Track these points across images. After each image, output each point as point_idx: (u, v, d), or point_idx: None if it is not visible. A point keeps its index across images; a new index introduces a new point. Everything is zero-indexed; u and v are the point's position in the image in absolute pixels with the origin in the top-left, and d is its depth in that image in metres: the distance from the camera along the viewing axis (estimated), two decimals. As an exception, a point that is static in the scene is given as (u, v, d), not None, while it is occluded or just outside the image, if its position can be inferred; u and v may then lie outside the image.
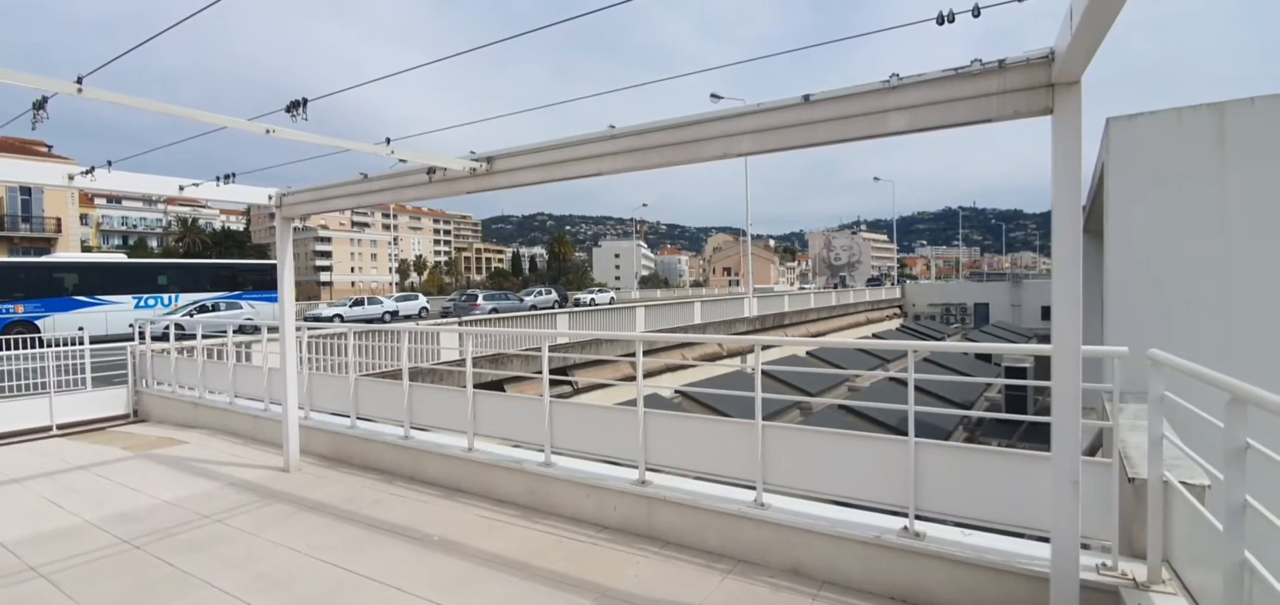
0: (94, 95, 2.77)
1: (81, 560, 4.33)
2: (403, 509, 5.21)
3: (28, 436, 8.08)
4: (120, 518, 5.11)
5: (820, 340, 18.06)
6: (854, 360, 23.51)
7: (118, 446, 7.53)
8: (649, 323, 25.31)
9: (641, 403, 4.63)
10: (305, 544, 4.53)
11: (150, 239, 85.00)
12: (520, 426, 5.52)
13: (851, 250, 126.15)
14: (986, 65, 3.00)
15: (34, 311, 24.15)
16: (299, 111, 3.11)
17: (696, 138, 3.66)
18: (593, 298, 51.37)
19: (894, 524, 3.75)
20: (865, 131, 3.21)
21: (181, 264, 34.89)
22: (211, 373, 8.61)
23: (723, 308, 30.85)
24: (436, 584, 3.89)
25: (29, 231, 36.18)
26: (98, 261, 29.60)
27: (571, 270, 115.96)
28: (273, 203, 5.96)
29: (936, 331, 42.36)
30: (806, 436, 4.11)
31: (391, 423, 6.45)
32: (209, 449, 7.24)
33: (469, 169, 4.53)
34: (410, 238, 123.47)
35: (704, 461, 4.49)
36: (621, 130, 3.89)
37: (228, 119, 3.31)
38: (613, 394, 16.06)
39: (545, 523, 4.82)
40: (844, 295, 47.41)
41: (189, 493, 5.70)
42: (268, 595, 3.78)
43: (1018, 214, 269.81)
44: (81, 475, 6.39)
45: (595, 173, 4.05)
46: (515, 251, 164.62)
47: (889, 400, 15.10)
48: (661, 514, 4.41)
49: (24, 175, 4.90)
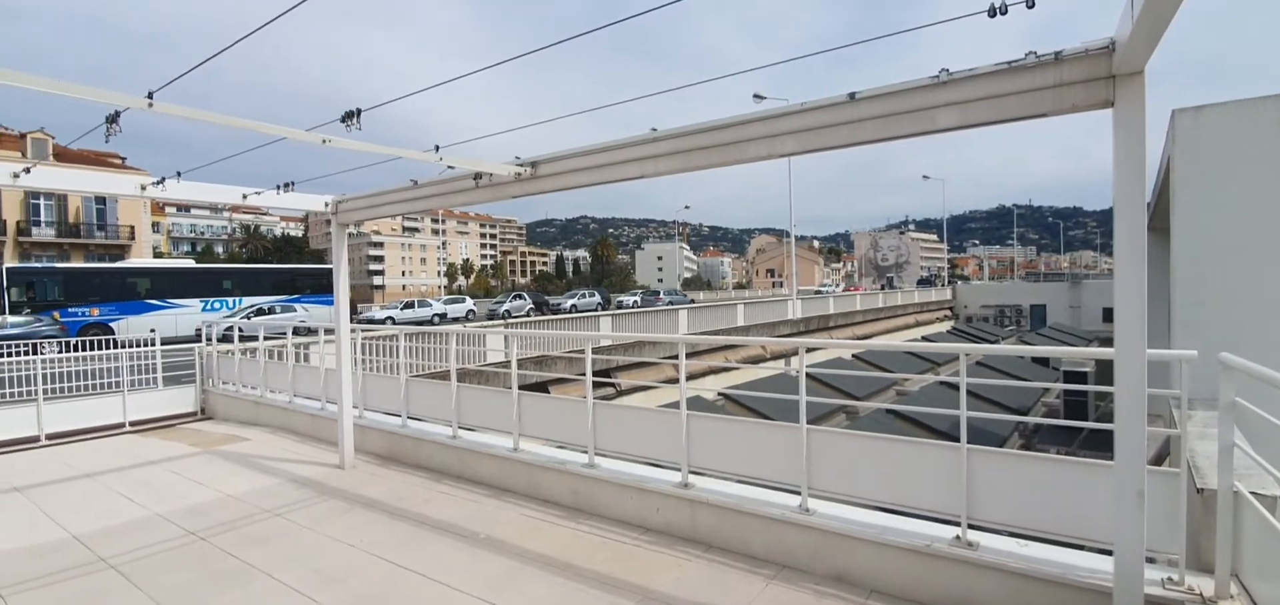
0: (164, 109, 2.95)
1: (150, 552, 4.57)
2: (452, 508, 5.33)
3: (103, 433, 8.60)
4: (188, 511, 5.39)
5: (867, 343, 17.62)
6: (902, 363, 22.92)
7: (186, 443, 7.95)
8: (691, 325, 25.23)
9: (685, 405, 4.62)
10: (360, 540, 4.69)
11: (216, 245, 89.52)
12: (564, 428, 5.59)
13: (899, 250, 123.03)
14: (1042, 57, 2.89)
15: (109, 314, 25.72)
16: (353, 121, 3.24)
17: (739, 139, 3.64)
18: (635, 300, 51.52)
19: (945, 533, 3.64)
20: (913, 129, 3.14)
21: (244, 269, 36.61)
22: (272, 373, 9.00)
23: (766, 309, 30.51)
24: (484, 582, 3.97)
25: (104, 239, 38.54)
26: (168, 267, 31.34)
27: (614, 273, 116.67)
28: (329, 209, 6.20)
29: (990, 334, 40.88)
30: (853, 441, 4.03)
31: (440, 423, 6.62)
32: (270, 446, 7.57)
33: (514, 174, 4.62)
34: (458, 242, 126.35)
35: (747, 465, 4.45)
36: (664, 133, 3.90)
37: (286, 129, 3.47)
38: (655, 396, 16.07)
39: (589, 524, 4.87)
40: (891, 297, 46.26)
41: (251, 488, 5.98)
42: (325, 590, 3.92)
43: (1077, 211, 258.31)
44: (152, 470, 6.76)
45: (639, 175, 4.07)
46: (559, 254, 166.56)
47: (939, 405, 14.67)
48: (705, 517, 4.39)
49: (101, 186, 5.23)
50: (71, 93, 2.79)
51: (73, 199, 36.72)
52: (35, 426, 8.12)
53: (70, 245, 37.18)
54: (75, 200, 36.97)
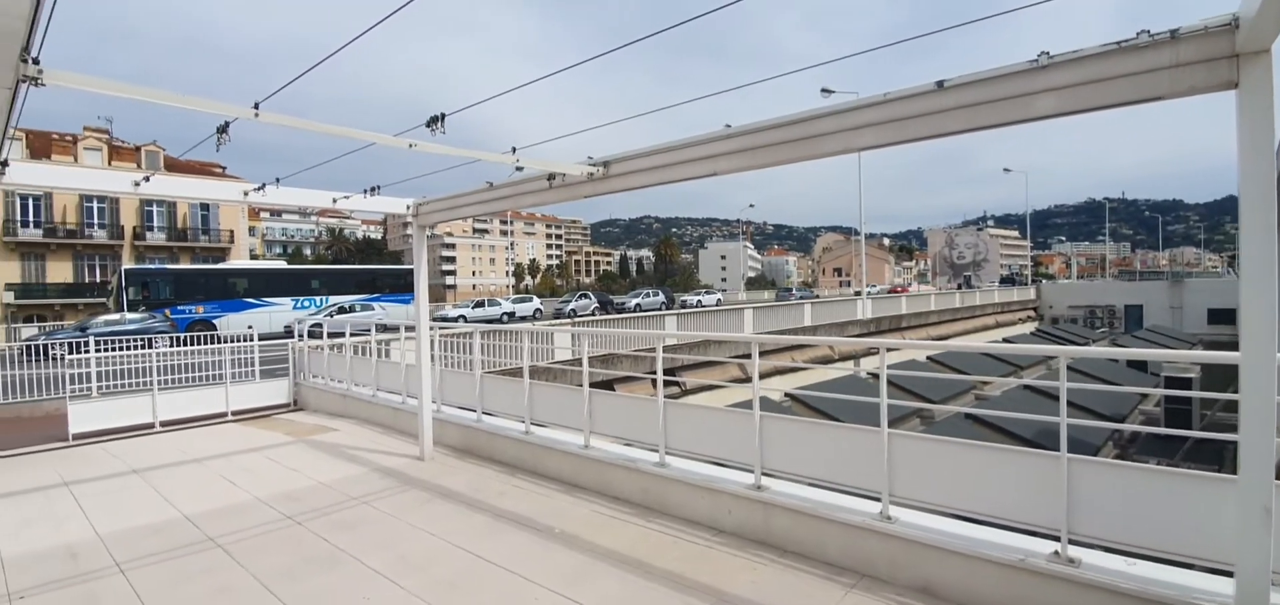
0: (269, 119, 3.16)
1: (251, 534, 4.90)
2: (525, 501, 5.46)
3: (208, 421, 9.31)
4: (284, 496, 5.75)
5: (944, 344, 16.86)
6: (981, 366, 21.79)
7: (281, 432, 8.49)
8: (757, 325, 24.87)
9: (758, 406, 4.55)
10: (440, 529, 4.87)
11: (304, 247, 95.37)
12: (634, 426, 5.61)
13: (977, 248, 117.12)
14: (1157, 36, 2.68)
15: (212, 312, 27.91)
16: (438, 126, 3.37)
17: (814, 133, 3.54)
18: (699, 300, 51.29)
19: (1041, 547, 3.43)
20: (1008, 117, 2.97)
21: (330, 269, 38.87)
22: (358, 368, 9.50)
23: (834, 309, 29.73)
24: (558, 576, 4.03)
25: (208, 242, 41.80)
26: (263, 268, 33.73)
27: (678, 272, 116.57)
28: (409, 212, 6.47)
29: (1079, 336, 38.31)
30: (938, 447, 3.85)
31: (512, 418, 6.79)
32: (356, 437, 7.98)
33: (587, 174, 4.68)
34: (525, 242, 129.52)
35: (823, 468, 4.33)
36: (736, 129, 3.85)
37: (376, 135, 3.65)
38: (720, 396, 15.93)
39: (660, 522, 4.87)
40: (969, 296, 44.09)
41: (341, 476, 6.32)
42: (409, 576, 4.10)
43: (1177, 204, 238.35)
44: (252, 457, 7.26)
45: (710, 173, 4.03)
46: (622, 254, 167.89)
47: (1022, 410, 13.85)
48: (779, 520, 4.31)
49: (209, 192, 5.67)
50: (188, 105, 3.03)
51: (181, 205, 39.99)
52: (151, 414, 8.88)
53: (178, 248, 40.53)
54: (183, 207, 40.24)
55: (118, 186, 4.75)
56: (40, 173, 4.75)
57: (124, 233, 38.87)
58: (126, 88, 2.74)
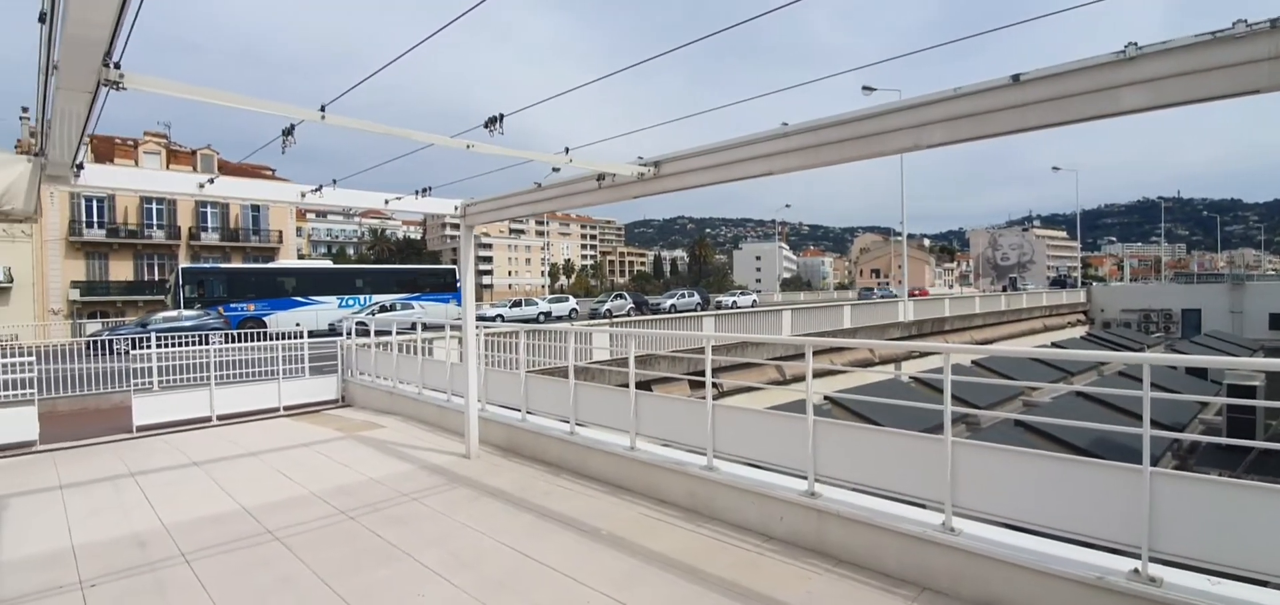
0: (334, 121, 3.21)
1: (307, 527, 5.01)
2: (571, 502, 5.45)
3: (262, 415, 9.59)
4: (336, 491, 5.86)
5: (990, 348, 16.34)
6: (1028, 371, 21.01)
7: (331, 427, 8.69)
8: (795, 326, 24.54)
9: (811, 410, 4.45)
10: (488, 527, 4.90)
11: (348, 247, 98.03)
12: (681, 428, 5.55)
13: (1022, 249, 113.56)
14: (1254, 26, 2.52)
15: (262, 310, 28.89)
16: (495, 127, 3.38)
17: (880, 130, 3.44)
18: (734, 301, 50.90)
19: (1119, 564, 3.25)
20: (1090, 112, 2.82)
21: (373, 269, 39.85)
22: (403, 366, 9.67)
23: (874, 311, 29.13)
24: (608, 578, 4.00)
25: (258, 242, 43.27)
26: (310, 267, 34.77)
27: (712, 273, 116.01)
28: (457, 213, 6.54)
29: (1133, 341, 36.72)
30: (1009, 457, 3.69)
31: (556, 418, 6.81)
32: (403, 434, 8.12)
33: (637, 174, 4.64)
34: (559, 243, 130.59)
35: (880, 476, 4.20)
36: (795, 127, 3.77)
37: (433, 136, 3.69)
38: (758, 398, 15.74)
39: (708, 527, 4.80)
40: (1015, 299, 42.70)
41: (390, 472, 6.42)
42: (460, 573, 4.12)
43: (1235, 204, 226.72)
44: (304, 452, 7.44)
45: (766, 172, 3.96)
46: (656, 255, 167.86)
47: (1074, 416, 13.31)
48: (833, 529, 4.20)
49: (268, 194, 5.82)
50: (258, 107, 3.10)
51: (233, 207, 41.50)
52: (208, 408, 9.19)
53: (230, 248, 42.07)
54: (235, 208, 41.75)
55: (184, 188, 4.91)
56: (112, 175, 4.94)
57: (181, 233, 40.53)
58: (201, 91, 2.82)
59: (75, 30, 2.15)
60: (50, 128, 3.26)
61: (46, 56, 2.45)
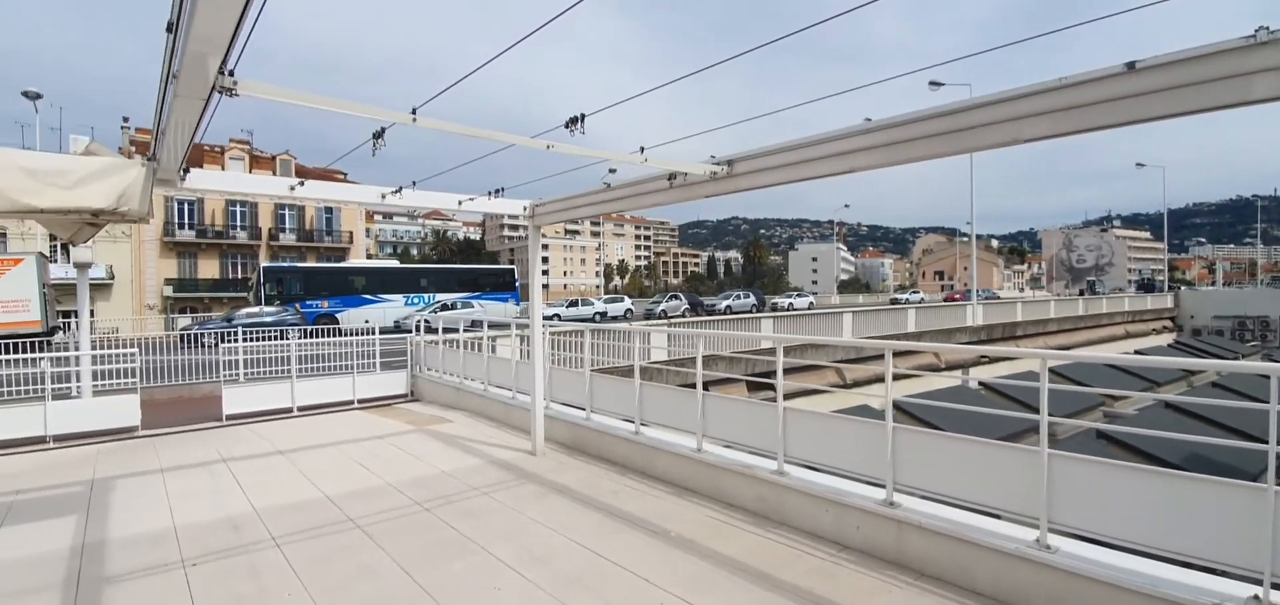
0: (425, 123, 3.30)
1: (385, 516, 5.18)
2: (638, 502, 5.45)
3: (338, 408, 10.02)
4: (411, 482, 6.05)
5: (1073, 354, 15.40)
6: (1109, 379, 19.79)
7: (402, 421, 9.00)
8: (855, 330, 23.89)
9: (890, 415, 4.29)
10: (558, 523, 4.95)
11: (412, 248, 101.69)
12: (749, 431, 5.46)
13: (1100, 250, 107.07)
14: None
15: (335, 307, 30.31)
16: (577, 127, 3.41)
17: (973, 124, 3.27)
18: (791, 302, 50.03)
19: (1237, 590, 2.99)
20: (1215, 101, 2.60)
21: (437, 268, 41.18)
22: (470, 363, 9.91)
23: (941, 315, 28.05)
24: (680, 580, 3.97)
25: (331, 242, 45.39)
26: (379, 267, 36.26)
27: (767, 274, 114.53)
28: (526, 213, 6.65)
29: (1228, 349, 34.03)
30: (1114, 473, 3.44)
31: (619, 417, 6.83)
32: (470, 429, 8.32)
33: (709, 173, 4.59)
34: (614, 243, 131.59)
35: (963, 486, 4.01)
36: (878, 122, 3.64)
37: (514, 137, 3.75)
38: (818, 401, 15.41)
39: (779, 533, 4.71)
40: (1094, 303, 40.27)
41: (460, 466, 6.59)
42: (533, 568, 4.17)
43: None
44: (378, 443, 7.72)
45: (847, 169, 3.84)
46: (710, 256, 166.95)
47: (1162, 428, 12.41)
48: (914, 541, 4.04)
49: (351, 196, 6.07)
50: (354, 111, 3.22)
51: (309, 209, 43.69)
52: (289, 399, 9.67)
53: (305, 247, 44.32)
54: (310, 210, 43.95)
55: (275, 191, 5.18)
56: (212, 178, 5.25)
57: (262, 233, 43.00)
58: (304, 96, 2.95)
59: (198, 39, 2.28)
60: (164, 134, 3.48)
61: (168, 66, 2.62)
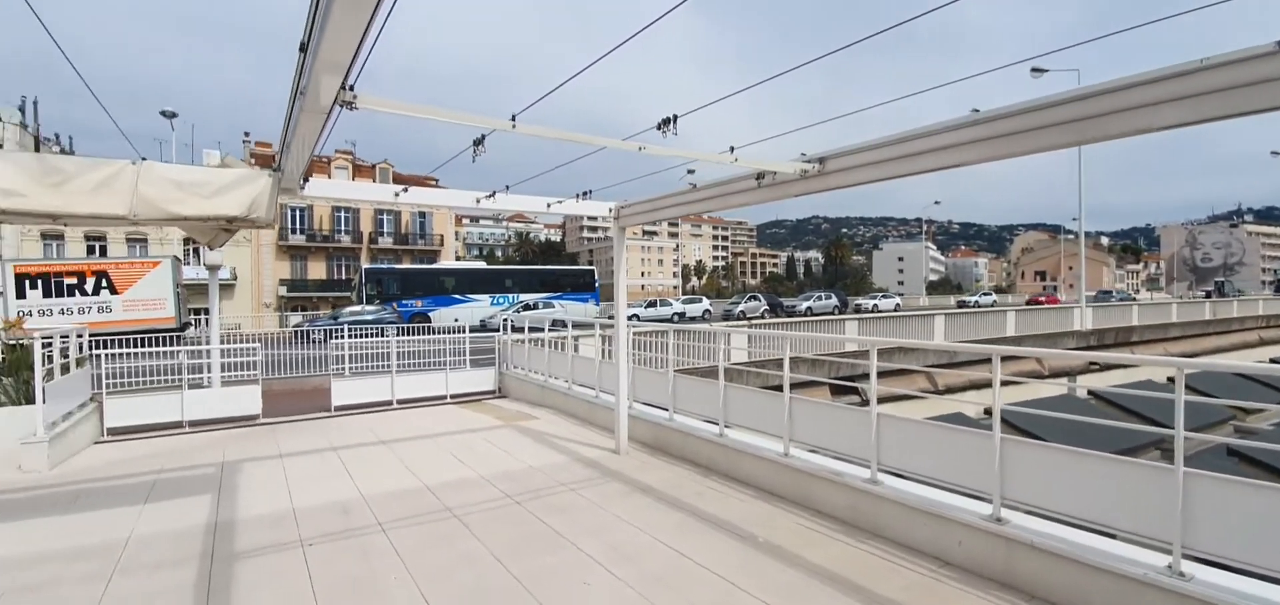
0: (524, 130, 3.42)
1: (479, 507, 5.39)
2: (723, 505, 5.40)
3: (432, 402, 10.54)
4: (502, 476, 6.28)
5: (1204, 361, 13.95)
6: (1240, 391, 17.79)
7: (491, 416, 9.35)
8: (949, 333, 22.71)
9: (998, 424, 4.04)
10: (643, 522, 4.99)
11: (496, 249, 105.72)
12: (838, 437, 5.29)
13: (1229, 248, 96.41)
14: None
15: (428, 306, 32.02)
16: (669, 128, 3.43)
17: (1100, 111, 3.02)
18: (876, 304, 48.18)
19: None
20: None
21: (521, 269, 42.69)
22: (554, 362, 10.18)
23: (1043, 319, 26.18)
24: (769, 587, 3.90)
25: (424, 245, 47.96)
26: (467, 268, 37.99)
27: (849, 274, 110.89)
28: (611, 215, 6.74)
29: (1396, 361, 29.68)
30: (1262, 495, 3.09)
31: (701, 418, 6.79)
32: (555, 426, 8.54)
33: (799, 171, 4.49)
34: (691, 244, 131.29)
35: (1078, 504, 3.71)
36: (988, 114, 3.43)
37: (606, 140, 3.82)
38: (912, 407, 14.71)
39: (872, 544, 4.53)
40: (1222, 306, 36.32)
41: (547, 462, 6.77)
42: (621, 566, 4.22)
43: None
44: (470, 437, 8.06)
45: (953, 164, 3.64)
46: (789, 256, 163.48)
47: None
48: (1025, 562, 3.77)
49: (448, 201, 6.37)
50: (454, 119, 3.38)
51: (405, 213, 46.36)
52: (389, 393, 10.28)
53: (401, 250, 47.08)
54: (406, 214, 46.61)
55: (383, 197, 5.52)
56: (327, 186, 5.65)
57: (362, 237, 46.07)
58: (414, 107, 3.13)
59: (326, 56, 2.46)
60: (289, 146, 3.78)
61: (297, 83, 2.84)
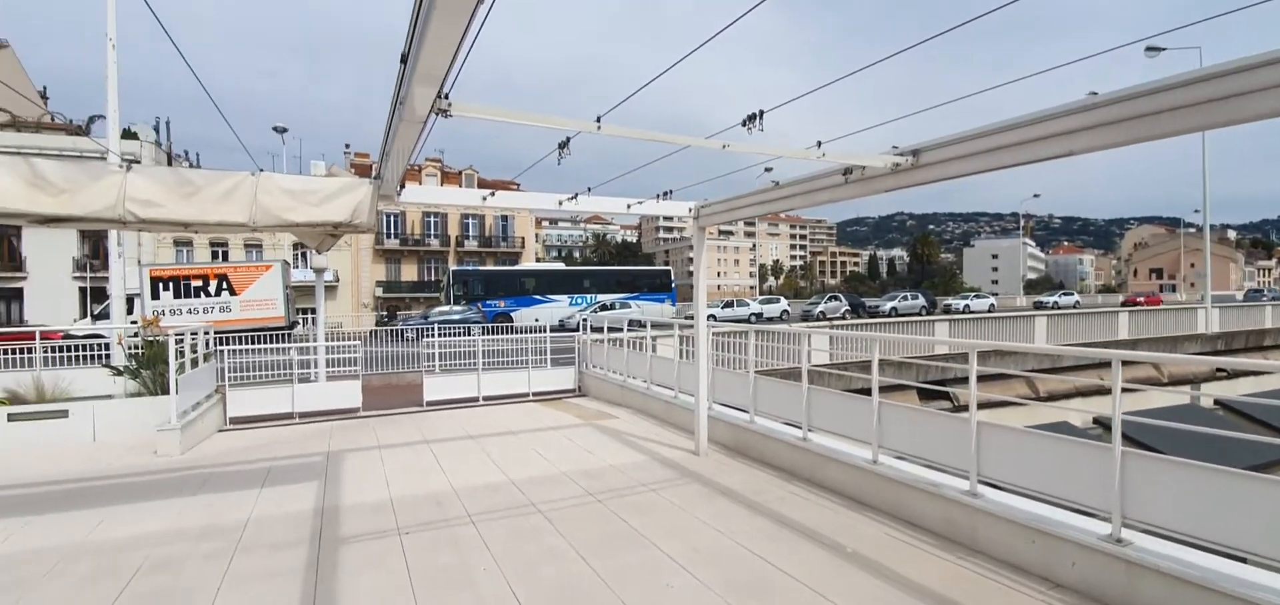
0: (608, 131, 3.46)
1: (562, 504, 5.50)
2: (807, 511, 5.25)
3: (515, 400, 10.88)
4: (582, 474, 6.38)
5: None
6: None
7: (571, 415, 9.54)
8: (1051, 335, 21.18)
9: (1118, 436, 3.71)
10: (725, 526, 4.92)
11: (574, 250, 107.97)
12: (931, 444, 5.02)
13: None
14: None
15: (510, 306, 33.20)
16: (754, 124, 3.37)
17: (1236, 91, 2.71)
18: (967, 304, 45.57)
19: None
20: None
21: (598, 270, 43.46)
22: (633, 362, 10.26)
23: (1159, 321, 23.91)
24: (862, 600, 3.75)
25: (506, 247, 49.74)
26: (547, 269, 39.08)
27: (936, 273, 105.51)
28: (691, 215, 6.71)
29: None
30: None
31: (782, 421, 6.63)
32: (634, 425, 8.60)
33: (891, 165, 4.30)
34: (768, 243, 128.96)
35: (1206, 525, 3.34)
36: (1107, 97, 3.15)
37: (689, 139, 3.80)
38: (1012, 415, 13.80)
39: (970, 560, 4.27)
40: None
41: (627, 461, 6.82)
42: (704, 569, 4.18)
43: None
44: (552, 434, 8.24)
45: (1064, 152, 3.37)
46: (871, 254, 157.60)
47: None
48: (1150, 588, 3.44)
49: (532, 203, 6.55)
50: (544, 123, 3.47)
51: (488, 216, 48.26)
52: (475, 390, 10.69)
53: (485, 252, 49.07)
54: (490, 217, 48.50)
55: (472, 202, 5.75)
56: (421, 193, 5.94)
57: (450, 240, 48.36)
58: (505, 112, 3.23)
59: (424, 68, 2.58)
60: (388, 155, 4.00)
61: (397, 93, 3.00)
